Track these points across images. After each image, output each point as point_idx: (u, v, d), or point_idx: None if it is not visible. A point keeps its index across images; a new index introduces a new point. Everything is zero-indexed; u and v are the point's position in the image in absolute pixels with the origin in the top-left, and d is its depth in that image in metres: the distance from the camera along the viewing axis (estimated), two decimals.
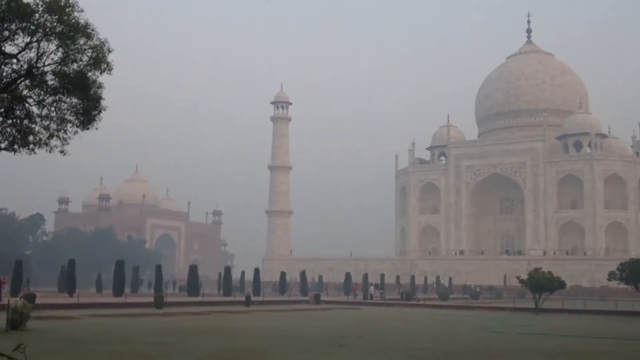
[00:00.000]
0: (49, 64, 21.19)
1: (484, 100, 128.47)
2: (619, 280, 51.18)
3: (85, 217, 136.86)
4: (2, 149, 21.32)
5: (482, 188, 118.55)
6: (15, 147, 21.26)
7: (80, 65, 21.18)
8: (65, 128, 21.71)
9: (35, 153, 21.74)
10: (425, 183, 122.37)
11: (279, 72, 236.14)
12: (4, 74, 21.08)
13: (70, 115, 21.75)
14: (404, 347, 23.08)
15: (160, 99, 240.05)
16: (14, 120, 21.14)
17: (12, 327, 25.59)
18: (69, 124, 21.78)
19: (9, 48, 20.93)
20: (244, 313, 42.65)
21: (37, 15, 20.40)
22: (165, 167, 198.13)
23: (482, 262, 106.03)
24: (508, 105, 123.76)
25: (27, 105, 21.24)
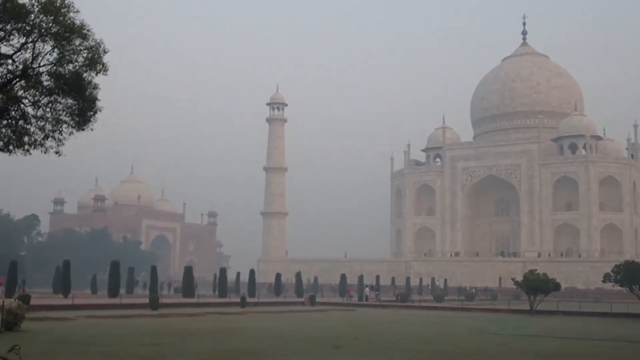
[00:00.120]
0: (45, 65, 21.15)
1: (480, 102, 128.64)
2: (614, 282, 51.28)
3: (81, 218, 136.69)
4: None
5: (477, 190, 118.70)
6: (11, 147, 21.23)
7: (76, 66, 21.15)
8: (61, 129, 21.67)
9: (31, 154, 21.71)
10: (421, 185, 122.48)
11: (275, 73, 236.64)
12: None
13: (66, 116, 21.72)
14: (400, 348, 23.09)
15: (156, 100, 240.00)
16: (9, 121, 21.10)
17: (6, 328, 25.55)
18: (64, 125, 21.74)
19: (4, 49, 20.89)
20: (239, 314, 42.64)
21: (32, 16, 20.36)
22: (161, 168, 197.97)
23: (477, 263, 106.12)
24: (503, 107, 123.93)
25: (22, 106, 21.21)
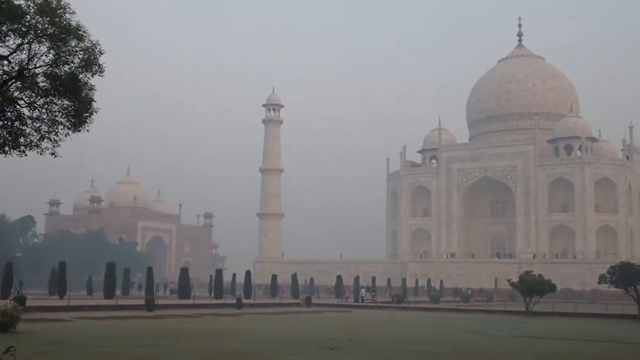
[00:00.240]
0: (40, 66, 21.13)
1: (475, 104, 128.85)
2: (610, 284, 51.30)
3: (76, 219, 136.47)
4: None
5: (473, 191, 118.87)
6: (6, 149, 21.19)
7: (72, 67, 21.13)
8: (57, 130, 21.64)
9: (26, 155, 21.67)
10: (417, 186, 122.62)
11: (271, 74, 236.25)
12: None
13: (62, 117, 21.68)
14: (395, 349, 23.11)
15: (152, 101, 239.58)
16: (5, 122, 21.06)
17: (2, 329, 25.50)
18: (60, 126, 21.70)
19: (0, 50, 20.87)
20: (235, 316, 42.62)
21: (28, 17, 20.34)
22: (157, 169, 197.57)
23: (473, 265, 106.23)
24: (499, 109, 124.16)
25: (18, 107, 21.17)
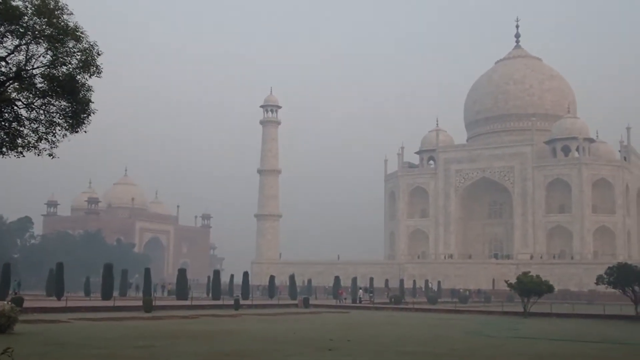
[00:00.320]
0: (38, 67, 21.13)
1: (473, 105, 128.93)
2: (607, 284, 51.40)
3: (74, 220, 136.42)
4: None
5: (470, 192, 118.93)
6: (4, 150, 21.19)
7: (70, 68, 21.13)
8: (54, 131, 21.64)
9: (24, 156, 21.68)
10: (414, 187, 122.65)
11: (270, 74, 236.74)
12: None
13: (59, 118, 21.69)
14: (393, 350, 23.12)
15: (150, 102, 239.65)
16: (2, 123, 21.06)
17: None
18: (58, 127, 21.70)
19: None
20: (233, 317, 42.59)
21: (26, 18, 20.34)
22: (155, 170, 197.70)
23: (470, 265, 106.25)
24: (497, 110, 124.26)
25: (15, 108, 21.18)
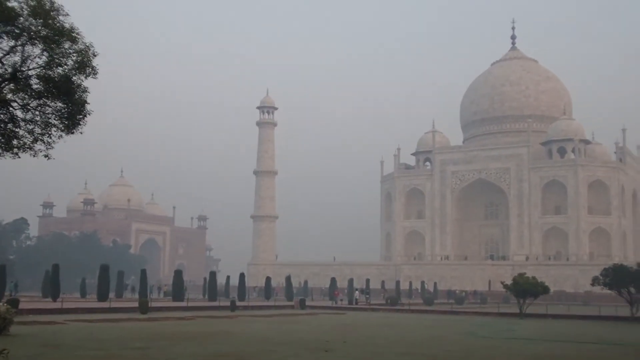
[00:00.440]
0: (34, 68, 21.10)
1: (469, 106, 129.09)
2: (603, 286, 51.48)
3: (70, 221, 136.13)
4: None
5: (467, 193, 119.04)
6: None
7: (65, 70, 21.10)
8: (50, 132, 21.61)
9: (20, 157, 21.64)
10: (411, 188, 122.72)
11: (268, 75, 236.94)
12: None
13: (55, 120, 21.65)
14: (389, 352, 23.13)
15: (147, 104, 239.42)
16: None
17: None
18: (54, 128, 21.67)
19: None
20: (229, 318, 42.56)
21: (21, 19, 20.32)
22: (151, 171, 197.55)
23: (467, 267, 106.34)
24: (493, 111, 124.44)
25: (11, 109, 21.14)
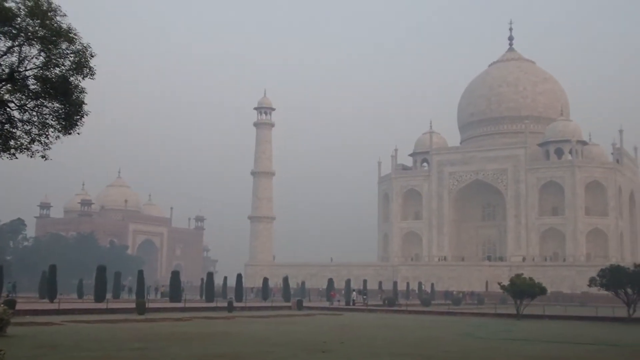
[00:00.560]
0: (31, 69, 21.07)
1: (466, 107, 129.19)
2: (600, 287, 51.53)
3: (67, 222, 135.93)
4: None
5: (464, 194, 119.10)
6: None
7: (63, 70, 21.07)
8: (47, 133, 21.58)
9: (17, 158, 21.60)
10: (408, 189, 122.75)
11: (265, 76, 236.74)
12: None
13: (52, 120, 21.62)
14: (386, 352, 23.14)
15: (143, 104, 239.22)
16: None
17: None
18: (51, 129, 21.64)
19: None
20: (226, 319, 42.56)
21: (19, 20, 20.29)
22: (148, 172, 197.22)
23: (464, 268, 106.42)
24: (490, 112, 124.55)
25: (8, 110, 21.11)
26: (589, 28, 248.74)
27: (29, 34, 20.46)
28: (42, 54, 20.91)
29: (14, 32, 20.36)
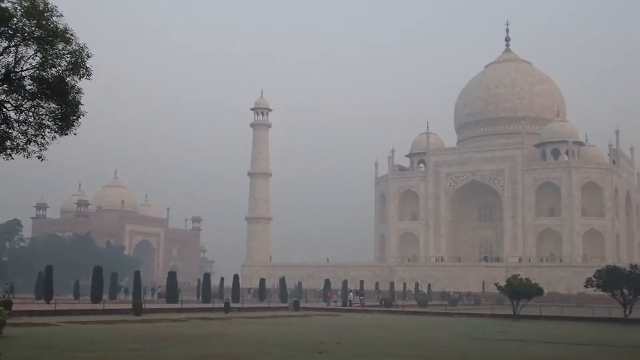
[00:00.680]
0: (27, 69, 21.03)
1: (463, 108, 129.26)
2: (596, 287, 51.59)
3: (63, 223, 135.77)
4: None
5: (461, 195, 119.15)
6: None
7: (59, 71, 21.03)
8: (43, 133, 21.54)
9: (13, 158, 21.55)
10: (405, 190, 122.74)
11: (265, 76, 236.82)
12: None
13: (49, 121, 21.58)
14: (383, 353, 23.13)
15: (141, 104, 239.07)
16: None
17: None
18: (47, 130, 21.60)
19: None
20: (223, 320, 42.53)
21: (15, 20, 20.25)
22: (145, 173, 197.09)
23: (460, 268, 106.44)
24: (487, 113, 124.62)
25: (4, 110, 21.07)
26: (586, 29, 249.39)
27: (25, 34, 20.42)
28: (38, 55, 20.88)
29: (10, 32, 20.32)
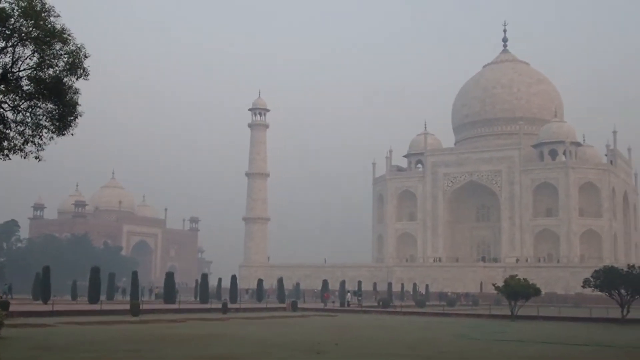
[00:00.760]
0: (25, 69, 21.02)
1: (461, 109, 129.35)
2: (594, 288, 51.60)
3: (61, 223, 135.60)
4: None
5: (458, 195, 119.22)
6: None
7: (56, 71, 21.02)
8: (41, 134, 21.53)
9: (10, 159, 21.55)
10: (403, 190, 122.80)
11: (264, 76, 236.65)
12: None
13: (46, 121, 21.57)
14: (381, 354, 23.12)
15: (139, 105, 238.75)
16: None
17: None
18: (44, 130, 21.60)
19: None
20: (221, 320, 42.49)
21: (12, 20, 20.23)
22: (142, 173, 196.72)
23: (458, 269, 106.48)
24: (484, 114, 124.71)
25: (1, 111, 21.05)
26: (583, 30, 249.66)
27: (23, 35, 20.41)
28: (35, 55, 20.86)
29: (8, 32, 20.30)
